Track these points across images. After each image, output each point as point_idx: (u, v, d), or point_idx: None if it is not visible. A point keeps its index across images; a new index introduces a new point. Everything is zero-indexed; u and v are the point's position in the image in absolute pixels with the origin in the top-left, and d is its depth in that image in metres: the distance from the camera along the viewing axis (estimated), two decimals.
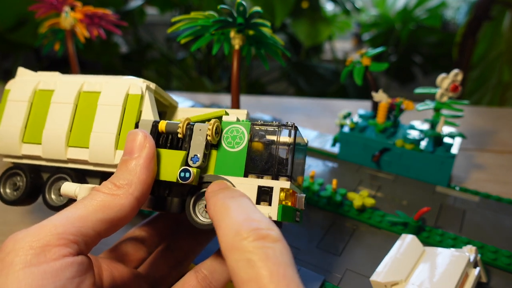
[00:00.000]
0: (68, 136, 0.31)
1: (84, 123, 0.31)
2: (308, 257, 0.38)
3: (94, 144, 0.30)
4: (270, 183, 0.27)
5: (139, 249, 0.32)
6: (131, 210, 0.24)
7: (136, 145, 0.26)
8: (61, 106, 0.32)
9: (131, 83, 0.31)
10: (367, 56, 0.50)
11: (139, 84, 0.31)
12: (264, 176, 0.27)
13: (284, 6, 1.28)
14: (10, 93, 0.34)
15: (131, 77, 0.32)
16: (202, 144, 0.27)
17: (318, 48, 1.74)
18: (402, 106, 0.51)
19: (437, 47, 1.65)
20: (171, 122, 0.28)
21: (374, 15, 1.77)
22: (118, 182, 0.24)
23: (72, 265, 0.20)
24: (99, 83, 0.32)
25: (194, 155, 0.27)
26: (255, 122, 0.28)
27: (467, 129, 0.64)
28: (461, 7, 1.63)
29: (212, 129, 0.27)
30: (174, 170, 0.27)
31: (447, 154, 0.47)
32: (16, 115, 0.33)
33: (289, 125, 0.28)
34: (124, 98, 0.30)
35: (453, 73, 0.46)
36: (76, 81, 0.32)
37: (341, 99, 0.84)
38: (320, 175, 0.52)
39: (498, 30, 1.18)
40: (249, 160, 0.27)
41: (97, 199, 0.23)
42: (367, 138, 0.52)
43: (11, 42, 1.23)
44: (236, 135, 0.28)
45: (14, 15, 1.16)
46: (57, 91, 0.32)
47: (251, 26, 0.40)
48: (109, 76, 0.33)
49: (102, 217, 0.22)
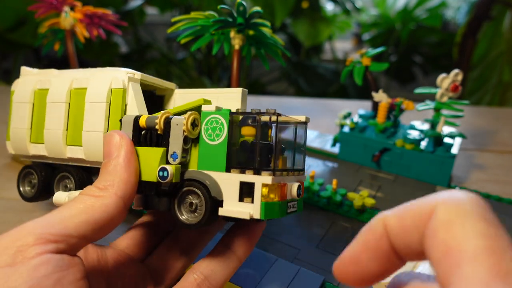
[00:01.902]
0: (65, 135, 0.31)
1: (77, 121, 0.31)
2: (308, 257, 0.38)
3: (86, 143, 0.30)
4: (251, 178, 0.25)
5: (148, 237, 0.31)
6: (117, 210, 0.23)
7: (113, 146, 0.26)
8: (56, 105, 0.32)
9: (113, 77, 0.29)
10: (367, 56, 0.50)
11: (120, 77, 0.29)
12: (247, 170, 0.25)
13: (284, 6, 1.28)
14: (14, 94, 0.35)
15: (114, 69, 0.30)
16: (180, 139, 0.25)
17: (318, 48, 1.74)
18: (402, 106, 0.51)
19: (437, 47, 1.65)
20: (151, 116, 0.27)
21: (374, 15, 1.77)
22: (101, 185, 0.24)
23: (49, 262, 0.19)
24: (85, 79, 0.31)
25: (173, 152, 0.26)
26: (235, 111, 0.26)
27: (467, 129, 0.64)
28: (461, 7, 1.63)
29: (187, 123, 0.25)
30: (153, 169, 0.26)
31: (447, 154, 0.47)
32: (22, 116, 0.34)
33: (269, 112, 0.25)
34: (108, 94, 0.29)
35: (453, 73, 0.45)
36: (66, 77, 0.32)
37: (341, 99, 0.84)
38: (320, 175, 0.52)
39: (498, 30, 1.18)
40: (230, 153, 0.25)
41: (80, 201, 0.23)
42: (367, 138, 0.52)
43: (11, 42, 1.23)
44: (215, 127, 0.26)
45: (14, 15, 1.16)
46: (51, 90, 0.32)
47: (251, 26, 0.40)
48: (95, 69, 0.32)
49: (85, 218, 0.22)
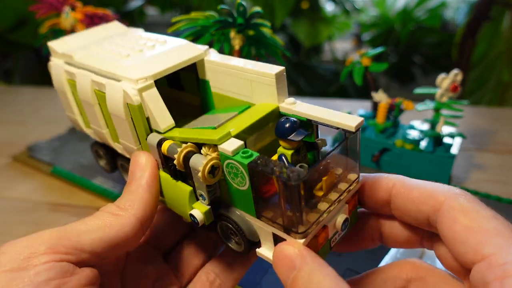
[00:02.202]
0: (109, 135, 0.31)
1: (112, 126, 0.29)
2: None
3: (128, 150, 0.29)
4: (282, 234, 0.22)
5: (168, 232, 0.32)
6: (133, 231, 0.23)
7: (138, 167, 0.26)
8: (88, 105, 0.30)
9: (124, 92, 0.25)
10: (367, 56, 0.50)
11: (130, 92, 0.25)
12: (275, 224, 0.22)
13: (284, 6, 1.28)
14: (53, 80, 0.34)
15: (125, 76, 0.26)
16: (203, 184, 0.23)
17: (318, 48, 1.74)
18: (401, 106, 0.51)
19: (437, 48, 1.65)
20: (172, 145, 0.24)
21: (374, 16, 1.77)
22: (121, 204, 0.24)
23: (51, 269, 0.20)
24: (102, 83, 0.28)
25: (200, 194, 0.24)
26: (256, 159, 0.20)
27: (467, 129, 0.64)
28: (460, 7, 1.63)
29: (204, 172, 0.22)
30: (185, 209, 0.25)
31: (447, 154, 0.48)
32: (67, 104, 0.34)
33: (297, 170, 0.19)
34: (125, 111, 0.26)
35: (453, 73, 0.46)
36: (85, 74, 0.29)
37: (341, 99, 0.84)
38: None
39: (498, 31, 1.18)
40: (259, 202, 0.22)
41: (99, 218, 0.23)
42: (367, 138, 0.52)
43: (11, 42, 1.23)
44: (237, 173, 0.22)
45: (14, 15, 1.16)
46: (78, 86, 0.30)
47: (251, 27, 0.40)
48: (107, 70, 0.28)
49: (101, 235, 0.22)
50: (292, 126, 0.22)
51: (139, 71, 0.26)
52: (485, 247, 0.18)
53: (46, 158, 0.58)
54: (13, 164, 0.59)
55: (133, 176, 0.26)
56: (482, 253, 0.18)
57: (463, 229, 0.20)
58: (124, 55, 0.29)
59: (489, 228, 0.19)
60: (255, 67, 0.25)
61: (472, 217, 0.20)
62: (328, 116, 0.23)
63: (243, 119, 0.24)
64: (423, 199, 0.22)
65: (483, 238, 0.19)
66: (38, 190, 0.53)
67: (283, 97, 0.25)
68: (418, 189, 0.23)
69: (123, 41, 0.32)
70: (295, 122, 0.23)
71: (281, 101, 0.25)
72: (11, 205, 0.51)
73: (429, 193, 0.22)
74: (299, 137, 0.22)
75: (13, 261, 0.20)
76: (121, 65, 0.27)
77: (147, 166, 0.26)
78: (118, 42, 0.32)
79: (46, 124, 0.72)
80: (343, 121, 0.23)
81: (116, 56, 0.29)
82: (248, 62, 0.26)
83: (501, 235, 0.18)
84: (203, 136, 0.23)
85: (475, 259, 0.19)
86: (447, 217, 0.21)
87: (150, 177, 0.25)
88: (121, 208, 0.24)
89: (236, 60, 0.27)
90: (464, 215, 0.20)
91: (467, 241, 0.19)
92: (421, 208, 0.22)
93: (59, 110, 0.79)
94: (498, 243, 0.18)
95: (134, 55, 0.29)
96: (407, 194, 0.23)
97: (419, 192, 0.23)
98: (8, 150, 0.62)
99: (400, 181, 0.24)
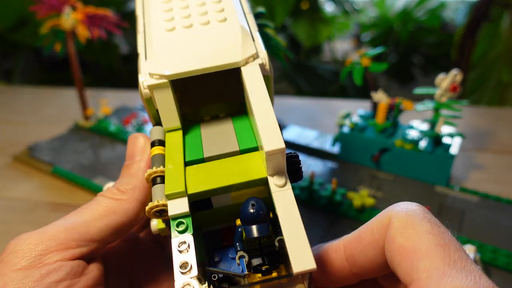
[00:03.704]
0: None
1: None
2: None
3: None
4: None
5: None
6: (136, 214, 0.24)
7: (137, 149, 0.25)
8: None
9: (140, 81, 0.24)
10: (366, 56, 0.50)
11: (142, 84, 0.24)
12: None
13: (284, 6, 1.28)
14: None
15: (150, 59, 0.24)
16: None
17: (318, 48, 1.75)
18: (401, 106, 0.51)
19: (437, 48, 1.65)
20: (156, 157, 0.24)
21: (374, 16, 1.77)
22: (122, 187, 0.24)
23: (61, 269, 0.20)
24: (138, 52, 0.26)
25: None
26: (178, 240, 0.20)
27: (467, 129, 0.64)
28: (460, 8, 1.63)
29: (150, 211, 0.21)
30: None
31: (446, 154, 0.48)
32: None
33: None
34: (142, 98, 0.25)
35: (452, 74, 0.46)
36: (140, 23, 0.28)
37: (341, 99, 0.84)
38: (320, 175, 0.52)
39: (497, 31, 1.18)
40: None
41: (102, 205, 0.23)
42: (367, 138, 0.52)
43: (11, 43, 1.23)
44: None
45: (15, 16, 1.16)
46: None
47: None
48: (147, 37, 0.26)
49: (107, 223, 0.22)
50: (254, 215, 0.19)
51: (164, 60, 0.23)
52: (413, 271, 0.17)
53: (46, 158, 0.58)
54: (13, 164, 0.60)
55: (132, 158, 0.25)
56: (412, 277, 0.17)
57: (398, 249, 0.18)
58: (169, 27, 0.25)
59: (421, 247, 0.18)
60: (263, 127, 0.20)
61: (407, 235, 0.18)
62: (292, 237, 0.19)
63: (224, 171, 0.22)
64: (373, 236, 0.20)
65: (413, 259, 0.18)
66: (38, 190, 0.54)
67: (275, 172, 0.21)
68: (364, 231, 0.21)
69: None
70: (262, 211, 0.19)
71: (272, 174, 0.21)
72: (11, 205, 0.51)
73: (372, 227, 0.20)
74: (255, 234, 0.19)
75: (25, 259, 0.20)
76: (157, 40, 0.25)
77: (146, 149, 0.25)
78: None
79: (46, 124, 0.72)
80: (294, 258, 0.18)
81: (163, 22, 0.26)
82: (265, 110, 0.21)
83: (430, 255, 0.17)
84: (168, 176, 0.22)
85: (408, 282, 0.18)
86: (388, 238, 0.19)
87: (149, 161, 0.25)
88: (123, 191, 0.24)
89: (260, 96, 0.22)
90: (401, 234, 0.19)
91: (401, 263, 0.18)
92: (379, 248, 0.20)
93: (60, 110, 0.79)
94: (424, 267, 0.17)
95: (179, 31, 0.25)
96: (359, 246, 0.21)
97: (365, 231, 0.21)
98: (9, 150, 0.62)
99: (345, 240, 0.22)
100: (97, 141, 0.62)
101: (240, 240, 0.20)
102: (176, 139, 0.24)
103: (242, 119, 0.26)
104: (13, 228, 0.47)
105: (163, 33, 0.25)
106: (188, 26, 0.25)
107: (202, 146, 0.23)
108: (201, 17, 0.25)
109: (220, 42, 0.24)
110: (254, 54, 0.24)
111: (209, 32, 0.25)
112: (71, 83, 0.71)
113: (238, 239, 0.20)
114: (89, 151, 0.60)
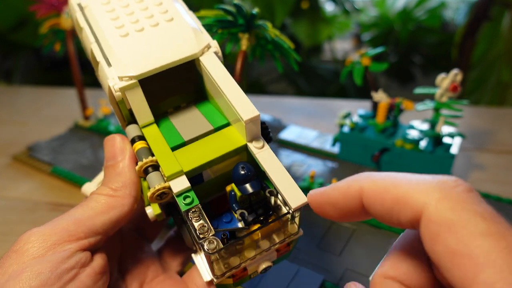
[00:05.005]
0: None
1: None
2: (308, 257, 0.38)
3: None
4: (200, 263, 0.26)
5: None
6: (132, 207, 0.25)
7: (117, 149, 0.26)
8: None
9: (108, 85, 0.25)
10: (366, 56, 0.50)
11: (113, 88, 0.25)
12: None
13: (284, 6, 1.28)
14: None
15: (115, 65, 0.25)
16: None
17: (318, 48, 1.75)
18: (401, 106, 0.51)
19: (437, 48, 1.65)
20: (141, 150, 0.25)
21: (374, 16, 1.77)
22: (114, 186, 0.25)
23: (71, 257, 0.22)
24: (97, 61, 0.27)
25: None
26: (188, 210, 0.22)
27: (467, 129, 0.64)
28: (460, 7, 1.63)
29: (152, 196, 0.23)
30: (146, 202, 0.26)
31: (447, 154, 0.48)
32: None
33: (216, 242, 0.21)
34: (110, 95, 0.26)
35: (452, 73, 0.46)
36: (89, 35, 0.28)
37: (341, 99, 0.84)
38: (320, 175, 0.52)
39: (497, 31, 1.18)
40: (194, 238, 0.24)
41: (101, 202, 0.25)
42: (367, 138, 0.52)
43: (11, 42, 1.23)
44: None
45: (15, 15, 1.16)
46: (83, 39, 0.29)
47: (254, 27, 0.40)
48: (103, 47, 0.27)
49: (109, 217, 0.24)
50: (246, 175, 0.22)
51: (129, 62, 0.25)
52: (472, 283, 0.15)
53: (46, 158, 0.58)
54: (13, 164, 0.60)
55: (115, 158, 0.26)
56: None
57: (446, 252, 0.16)
58: (122, 33, 0.26)
59: (479, 253, 0.15)
60: (235, 101, 0.24)
61: (458, 236, 0.16)
62: (281, 182, 0.22)
63: (207, 147, 0.24)
64: (399, 206, 0.18)
65: (471, 268, 0.15)
66: (38, 190, 0.54)
67: (253, 138, 0.24)
68: (390, 192, 0.18)
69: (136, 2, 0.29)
70: (251, 171, 0.22)
71: (250, 140, 0.24)
72: (11, 205, 0.51)
73: (402, 198, 0.18)
74: (250, 190, 0.22)
75: (41, 248, 0.21)
76: (116, 47, 0.26)
77: (126, 148, 0.26)
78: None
79: (46, 124, 0.72)
80: (289, 197, 0.21)
81: (115, 29, 0.27)
82: (233, 88, 0.24)
83: (493, 264, 0.15)
84: (162, 161, 0.24)
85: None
86: (428, 234, 0.17)
87: (130, 158, 0.26)
88: (115, 189, 0.25)
89: (224, 78, 0.25)
90: (448, 232, 0.16)
91: (452, 268, 0.16)
92: (400, 219, 0.18)
93: (59, 110, 0.79)
94: (487, 279, 0.14)
95: (133, 35, 0.26)
96: (380, 200, 0.18)
97: (391, 196, 0.18)
98: (8, 150, 0.62)
99: (368, 182, 0.19)
100: (97, 141, 0.62)
101: (235, 202, 0.24)
102: (154, 132, 0.26)
103: (205, 104, 0.28)
104: (13, 228, 0.47)
105: (120, 39, 0.26)
106: (140, 29, 0.27)
107: (179, 132, 0.26)
108: (149, 20, 0.27)
109: (174, 39, 0.26)
110: (208, 44, 0.27)
111: (161, 32, 0.27)
112: (71, 83, 0.71)
113: (234, 201, 0.24)
114: (88, 151, 0.60)
